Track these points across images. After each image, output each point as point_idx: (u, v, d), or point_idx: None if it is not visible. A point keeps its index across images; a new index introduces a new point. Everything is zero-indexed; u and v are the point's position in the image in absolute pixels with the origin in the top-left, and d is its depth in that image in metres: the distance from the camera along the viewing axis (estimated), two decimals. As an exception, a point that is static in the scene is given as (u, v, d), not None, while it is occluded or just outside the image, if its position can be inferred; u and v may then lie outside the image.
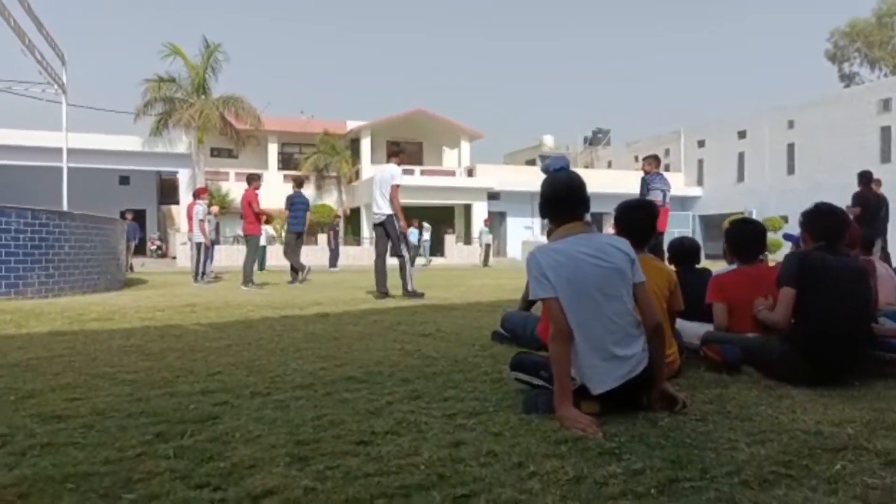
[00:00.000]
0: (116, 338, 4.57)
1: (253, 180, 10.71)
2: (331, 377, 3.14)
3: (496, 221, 32.02)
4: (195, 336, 4.66)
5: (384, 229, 7.94)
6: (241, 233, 11.85)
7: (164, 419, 2.37)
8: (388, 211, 7.86)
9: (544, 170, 2.64)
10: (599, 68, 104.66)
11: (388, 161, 8.36)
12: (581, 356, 2.32)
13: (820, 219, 3.10)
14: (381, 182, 7.97)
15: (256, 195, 10.54)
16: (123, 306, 6.99)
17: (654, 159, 8.61)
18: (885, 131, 27.88)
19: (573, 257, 2.35)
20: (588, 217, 2.57)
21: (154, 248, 30.72)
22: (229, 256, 23.43)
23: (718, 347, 3.12)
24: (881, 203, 10.54)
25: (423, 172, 32.56)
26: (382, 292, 7.92)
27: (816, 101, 31.35)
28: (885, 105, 27.98)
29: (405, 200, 8.58)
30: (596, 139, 48.30)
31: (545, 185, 2.56)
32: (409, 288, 7.89)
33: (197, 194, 12.95)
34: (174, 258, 26.47)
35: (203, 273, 11.84)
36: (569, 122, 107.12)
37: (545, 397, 2.40)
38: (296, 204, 12.31)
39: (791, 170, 31.73)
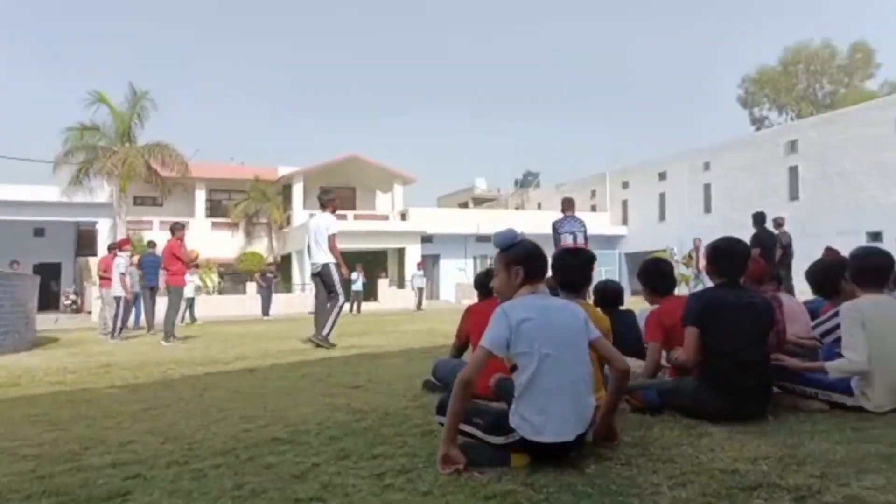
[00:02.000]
0: (21, 406, 4.26)
1: (176, 230, 10.37)
2: (254, 439, 3.01)
3: (429, 264, 32.11)
4: (109, 400, 4.41)
5: (321, 279, 7.92)
6: (163, 284, 11.43)
7: (69, 498, 2.20)
8: (324, 260, 7.85)
9: (505, 242, 2.70)
10: (528, 112, 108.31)
11: (322, 210, 8.29)
12: (538, 405, 2.32)
13: (720, 256, 3.22)
14: (315, 231, 7.98)
15: (180, 245, 10.21)
16: (31, 369, 6.57)
17: (569, 202, 8.84)
18: (793, 171, 29.83)
19: (542, 304, 2.46)
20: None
21: (69, 302, 29.17)
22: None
23: (638, 393, 3.19)
24: (776, 241, 11.32)
25: (356, 217, 32.44)
26: (325, 339, 7.77)
27: (730, 143, 33.34)
28: (792, 146, 30.00)
29: (344, 246, 8.59)
30: (526, 181, 49.72)
31: (522, 250, 2.65)
32: (326, 333, 7.75)
33: (119, 246, 12.44)
34: (90, 313, 25.18)
35: (121, 329, 11.29)
36: (500, 164, 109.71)
37: (485, 451, 2.41)
38: (147, 262, 12.92)
39: (708, 209, 33.38)
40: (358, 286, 22.43)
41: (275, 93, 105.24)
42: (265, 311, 20.10)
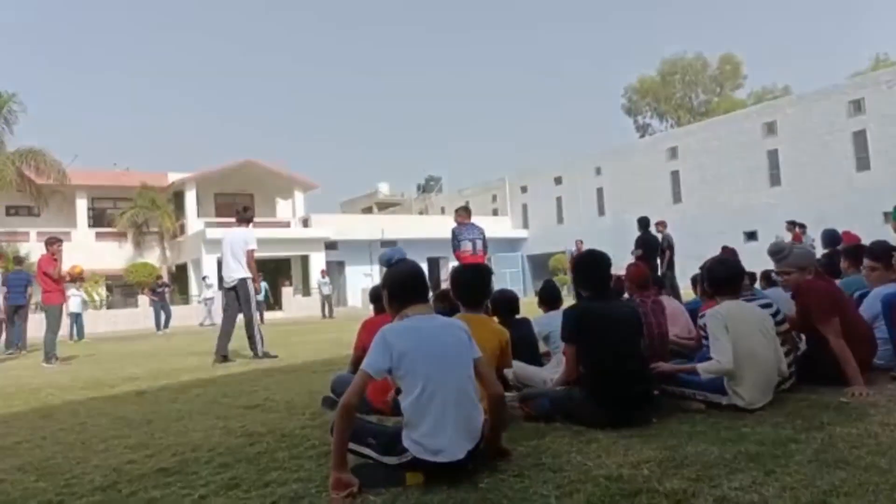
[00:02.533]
0: None
1: (51, 244, 9.58)
2: (139, 471, 2.85)
3: (335, 271, 31.67)
4: (-25, 435, 4.03)
5: (236, 293, 7.90)
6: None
7: (-81, 555, 2.00)
8: (241, 275, 7.85)
9: (385, 263, 2.77)
10: (430, 116, 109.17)
11: (239, 224, 8.30)
12: (426, 428, 2.33)
13: (584, 271, 3.39)
14: (232, 246, 7.96)
15: (54, 261, 9.44)
16: None
17: (464, 211, 8.90)
18: (675, 175, 31.86)
19: (419, 328, 2.48)
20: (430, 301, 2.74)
21: None
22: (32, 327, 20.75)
23: (531, 402, 3.30)
24: (659, 244, 12.15)
25: (255, 224, 31.29)
26: (223, 356, 7.64)
27: (618, 149, 35.14)
28: (673, 153, 32.03)
29: None
30: (429, 186, 50.10)
31: (388, 276, 2.72)
32: (261, 350, 7.80)
33: (-14, 262, 11.41)
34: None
35: (-5, 351, 10.36)
36: (402, 169, 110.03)
37: (379, 471, 2.40)
38: (12, 279, 11.99)
39: (602, 211, 35.02)
40: (260, 296, 21.74)
41: (162, 95, 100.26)
42: (158, 325, 19.03)
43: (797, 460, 2.36)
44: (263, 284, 21.78)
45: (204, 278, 24.09)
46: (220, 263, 8.18)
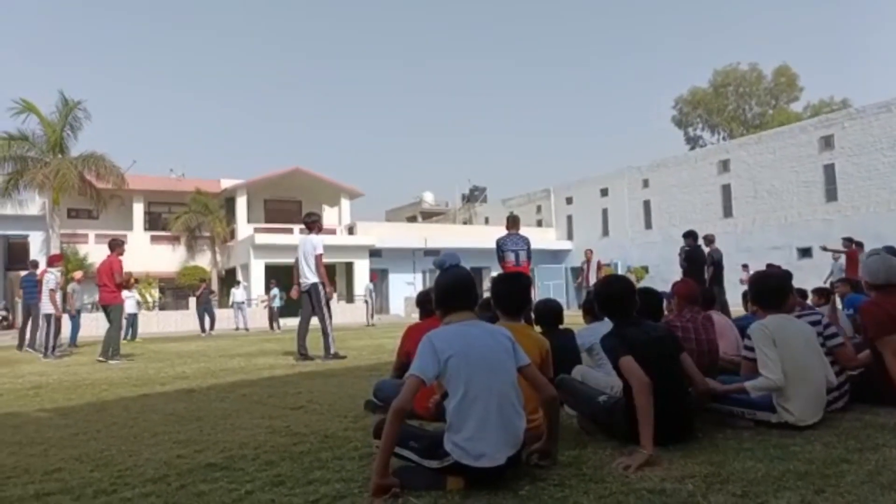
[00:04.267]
0: (-62, 434, 4.04)
1: (115, 247, 10.00)
2: (188, 466, 2.94)
3: (378, 278, 31.97)
4: (37, 425, 4.23)
5: (308, 296, 8.50)
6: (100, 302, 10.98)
7: (-15, 534, 2.11)
8: (312, 280, 8.46)
9: (438, 266, 2.82)
10: (475, 126, 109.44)
11: (308, 231, 8.87)
12: (469, 432, 2.35)
13: (610, 302, 3.25)
14: (304, 251, 8.56)
15: (120, 262, 9.86)
16: (-48, 393, 6.22)
17: (512, 220, 8.95)
18: (726, 189, 31.07)
19: (464, 334, 2.51)
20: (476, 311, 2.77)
21: (-2, 318, 27.74)
22: (90, 326, 21.57)
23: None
24: (704, 258, 11.69)
25: (301, 231, 31.99)
26: (302, 354, 8.26)
27: (666, 161, 34.47)
28: (725, 166, 31.27)
29: (289, 260, 9.29)
30: (473, 196, 50.09)
31: (439, 279, 2.78)
32: (332, 351, 8.29)
33: (50, 262, 11.93)
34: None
35: (54, 347, 10.81)
36: (447, 179, 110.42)
37: (421, 475, 2.43)
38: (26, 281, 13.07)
39: (648, 224, 34.39)
40: (276, 302, 22.10)
41: (216, 104, 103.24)
42: (202, 327, 19.50)
43: (849, 481, 2.28)
44: (275, 291, 22.10)
45: (237, 283, 24.32)
46: (294, 267, 8.88)
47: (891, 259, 3.77)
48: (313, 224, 8.83)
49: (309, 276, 8.48)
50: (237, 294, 22.92)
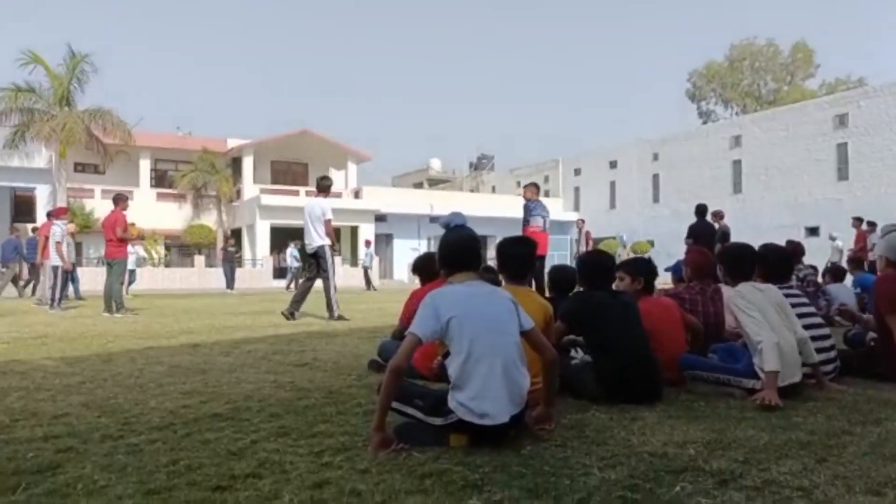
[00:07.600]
0: (-53, 377, 4.09)
1: (119, 201, 10.03)
2: (193, 415, 2.97)
3: (383, 243, 31.99)
4: (43, 372, 4.27)
5: (316, 259, 8.56)
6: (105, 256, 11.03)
7: (-5, 472, 2.14)
8: (319, 242, 8.49)
9: (444, 225, 2.82)
10: (484, 94, 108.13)
11: (318, 194, 8.88)
12: (473, 391, 2.36)
13: (587, 270, 3.58)
14: (311, 214, 8.54)
15: (124, 217, 9.89)
16: (-39, 339, 6.28)
17: (534, 187, 8.97)
18: (737, 165, 30.79)
19: (467, 294, 2.51)
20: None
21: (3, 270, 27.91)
22: (94, 279, 21.73)
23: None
24: (713, 233, 11.53)
25: (307, 193, 31.93)
26: (290, 312, 8.36)
27: (677, 135, 34.10)
28: (737, 141, 30.92)
29: (295, 222, 9.33)
30: (481, 164, 49.75)
31: (444, 239, 2.80)
32: (336, 314, 8.37)
33: (56, 214, 11.94)
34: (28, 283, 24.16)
35: (60, 299, 10.89)
36: (455, 147, 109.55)
37: (425, 431, 2.44)
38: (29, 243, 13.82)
39: (656, 198, 34.19)
40: (292, 262, 22.31)
41: (224, 63, 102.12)
42: (229, 284, 19.88)
43: (851, 451, 2.29)
44: (292, 249, 22.28)
45: (229, 242, 24.45)
46: (302, 230, 8.83)
47: None
48: (328, 189, 8.87)
49: (315, 239, 8.50)
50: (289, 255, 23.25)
